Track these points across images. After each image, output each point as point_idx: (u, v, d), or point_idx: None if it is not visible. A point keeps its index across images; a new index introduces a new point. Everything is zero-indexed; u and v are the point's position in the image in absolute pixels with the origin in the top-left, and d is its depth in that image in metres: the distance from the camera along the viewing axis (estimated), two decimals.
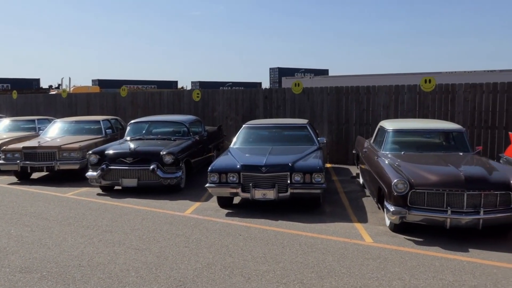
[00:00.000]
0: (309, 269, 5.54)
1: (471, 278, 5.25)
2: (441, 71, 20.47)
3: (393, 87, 13.04)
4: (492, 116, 11.93)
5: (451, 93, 12.33)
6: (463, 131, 8.63)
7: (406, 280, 5.21)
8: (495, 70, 19.90)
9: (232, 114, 15.36)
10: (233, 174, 8.21)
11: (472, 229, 6.57)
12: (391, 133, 8.68)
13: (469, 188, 6.47)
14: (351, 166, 13.02)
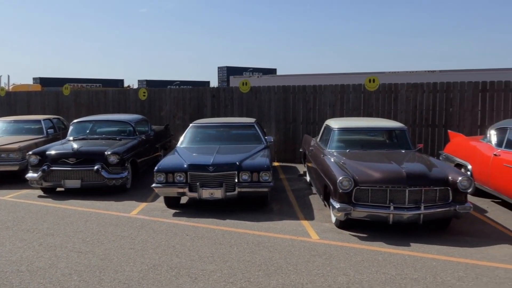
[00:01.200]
0: (256, 267, 5.56)
1: (413, 271, 5.42)
2: (385, 71, 21.04)
3: (339, 86, 13.29)
4: (432, 114, 12.38)
5: (394, 93, 12.70)
6: (405, 129, 8.90)
7: (351, 275, 5.31)
8: (435, 70, 20.65)
9: (180, 113, 15.20)
10: (180, 173, 8.11)
11: (413, 223, 6.78)
12: (336, 131, 8.84)
13: (410, 184, 6.67)
14: (299, 164, 13.17)
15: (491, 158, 8.27)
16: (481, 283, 5.09)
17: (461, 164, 9.34)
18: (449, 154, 10.08)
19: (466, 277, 5.27)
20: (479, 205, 8.55)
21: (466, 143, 9.72)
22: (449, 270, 5.45)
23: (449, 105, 12.19)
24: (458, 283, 5.10)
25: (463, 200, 6.81)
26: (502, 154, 8.03)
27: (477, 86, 11.95)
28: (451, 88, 12.20)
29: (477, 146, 9.09)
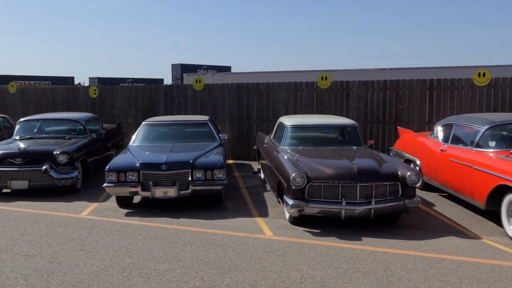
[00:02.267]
0: (210, 266, 5.53)
1: (364, 265, 5.54)
2: (337, 69, 21.39)
3: (292, 84, 13.39)
4: (383, 111, 12.68)
5: (346, 90, 12.92)
6: (356, 126, 9.07)
7: (304, 270, 5.37)
8: (385, 68, 21.17)
9: (132, 111, 14.93)
10: (132, 172, 7.97)
11: (365, 218, 6.92)
12: (289, 128, 8.91)
13: (361, 180, 6.81)
14: (253, 161, 13.20)
15: (438, 154, 8.54)
16: (429, 275, 5.25)
17: (410, 160, 9.61)
18: (399, 150, 10.35)
19: (414, 269, 5.42)
20: (427, 199, 8.81)
21: (415, 139, 10.01)
22: (399, 263, 5.60)
23: (398, 102, 12.51)
24: (407, 275, 5.25)
25: (412, 194, 7.01)
26: (448, 150, 8.31)
27: (425, 84, 12.32)
28: (400, 85, 12.53)
29: (425, 142, 9.38)
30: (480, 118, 8.14)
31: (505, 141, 7.63)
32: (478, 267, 5.47)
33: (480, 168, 7.18)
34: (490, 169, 6.96)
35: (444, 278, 5.14)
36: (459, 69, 17.93)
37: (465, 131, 8.33)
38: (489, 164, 7.05)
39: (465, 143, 8.04)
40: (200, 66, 70.29)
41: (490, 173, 6.93)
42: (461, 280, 5.11)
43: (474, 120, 8.23)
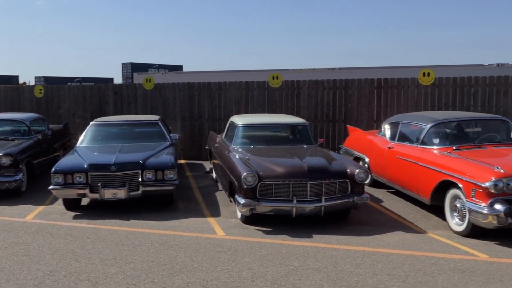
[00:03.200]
0: (161, 267, 5.46)
1: (314, 262, 5.61)
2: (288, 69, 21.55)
3: (244, 83, 13.41)
4: (333, 110, 12.88)
5: (297, 89, 13.05)
6: (306, 125, 9.18)
7: (255, 269, 5.39)
8: (335, 68, 21.51)
9: (80, 111, 14.53)
10: (80, 174, 7.76)
11: (315, 216, 7.02)
12: (241, 128, 8.91)
13: (312, 178, 6.90)
14: (205, 161, 13.11)
15: (385, 151, 8.76)
16: (377, 269, 5.38)
17: (359, 157, 9.82)
18: (348, 148, 10.55)
19: (363, 264, 5.54)
20: (375, 195, 9.03)
21: (364, 137, 10.24)
22: (348, 259, 5.71)
23: (348, 101, 12.75)
24: (356, 270, 5.36)
25: (361, 191, 7.17)
26: (395, 147, 8.54)
27: (373, 83, 12.60)
28: (349, 85, 12.76)
29: (373, 139, 9.60)
30: (425, 116, 8.41)
31: (448, 139, 7.92)
32: (423, 260, 5.66)
33: (425, 164, 7.42)
34: (434, 165, 7.21)
35: (391, 272, 5.29)
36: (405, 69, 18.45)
37: (410, 129, 8.58)
38: (433, 161, 7.29)
39: (411, 141, 8.28)
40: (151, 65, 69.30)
41: (434, 169, 7.17)
42: (407, 273, 5.26)
43: (419, 118, 8.50)
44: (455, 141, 7.79)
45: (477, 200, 6.22)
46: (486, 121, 8.51)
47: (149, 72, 43.35)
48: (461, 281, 5.04)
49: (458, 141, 7.80)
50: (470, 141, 7.81)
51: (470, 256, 5.82)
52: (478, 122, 8.41)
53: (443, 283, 4.99)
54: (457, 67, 18.82)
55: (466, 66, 19.07)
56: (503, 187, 6.03)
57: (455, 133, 8.19)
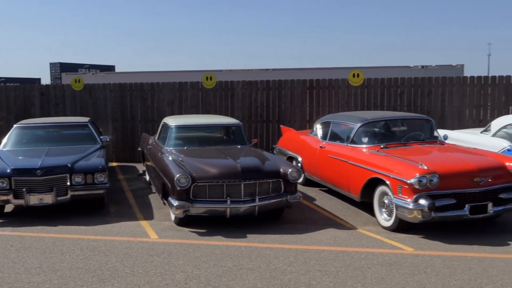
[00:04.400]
0: (90, 274, 5.28)
1: (248, 262, 5.63)
2: (222, 69, 21.54)
3: (177, 84, 13.26)
4: (266, 111, 13.01)
5: (231, 90, 13.07)
6: (240, 125, 9.21)
7: (189, 271, 5.33)
8: (269, 69, 21.71)
9: (3, 113, 13.80)
10: (3, 179, 7.37)
11: (249, 215, 7.05)
12: (174, 129, 8.80)
13: (245, 178, 6.93)
14: (138, 163, 12.83)
15: (317, 150, 8.95)
16: (309, 266, 5.48)
17: (293, 157, 9.97)
18: (282, 147, 10.68)
19: (296, 262, 5.63)
20: (308, 194, 9.19)
21: (297, 137, 10.41)
22: (281, 257, 5.78)
23: (281, 102, 12.93)
24: (289, 268, 5.43)
25: (294, 190, 7.29)
26: (327, 146, 8.74)
27: (305, 84, 12.85)
28: (282, 85, 12.95)
29: (306, 139, 9.78)
30: (354, 116, 8.67)
31: (376, 137, 8.21)
32: (354, 256, 5.82)
33: (355, 163, 7.64)
34: (364, 163, 7.44)
35: (323, 268, 5.40)
36: (336, 70, 18.96)
37: (341, 128, 8.81)
38: (362, 159, 7.53)
39: (341, 140, 8.51)
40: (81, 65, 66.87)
41: (363, 167, 7.40)
42: (338, 269, 5.40)
43: (348, 118, 8.74)
44: (382, 139, 8.08)
45: (403, 196, 6.48)
46: (411, 120, 8.88)
47: (79, 72, 41.93)
48: (389, 274, 5.23)
49: (386, 139, 8.09)
50: (396, 140, 8.12)
51: (397, 250, 6.06)
52: (404, 122, 8.75)
53: (372, 277, 5.16)
54: (384, 68, 19.54)
55: (393, 67, 19.83)
56: (427, 183, 6.32)
57: (382, 132, 8.49)
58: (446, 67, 20.00)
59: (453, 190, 6.48)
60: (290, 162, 8.88)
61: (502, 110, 11.89)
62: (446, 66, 20.42)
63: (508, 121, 9.04)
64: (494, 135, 9.06)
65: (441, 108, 12.30)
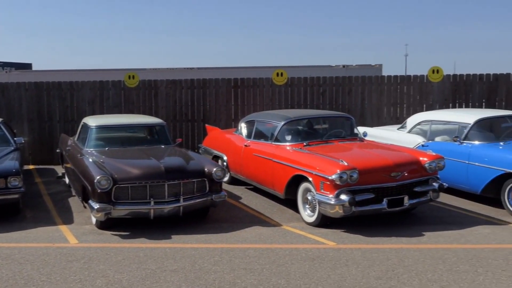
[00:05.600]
0: (2, 284, 4.97)
1: (172, 263, 5.54)
2: (146, 68, 21.09)
3: (98, 82, 12.82)
4: (191, 110, 12.89)
5: (154, 89, 12.83)
6: (164, 125, 9.06)
7: (110, 276, 5.16)
8: (193, 67, 21.54)
9: None
10: None
11: (174, 216, 6.94)
12: (94, 129, 8.49)
13: (169, 178, 6.83)
14: (57, 166, 12.27)
15: (242, 149, 8.98)
16: (234, 265, 5.49)
17: (218, 156, 9.94)
18: (207, 147, 10.63)
19: (221, 261, 5.61)
20: (234, 193, 9.20)
21: (222, 136, 10.39)
22: (206, 257, 5.74)
23: (206, 101, 12.86)
24: (214, 267, 5.40)
25: (219, 189, 7.28)
26: (252, 145, 8.79)
27: (230, 83, 12.86)
28: (207, 84, 12.87)
29: (231, 138, 9.79)
30: (278, 115, 8.79)
31: (300, 135, 8.36)
32: (278, 252, 5.90)
33: (279, 160, 7.74)
34: (287, 161, 7.56)
35: (248, 266, 5.42)
36: (260, 69, 19.13)
37: (265, 127, 8.90)
38: (286, 157, 7.64)
39: (265, 138, 8.60)
40: None
41: (287, 164, 7.52)
42: (263, 266, 5.44)
43: (272, 116, 8.85)
44: (305, 137, 8.24)
45: (325, 192, 6.65)
46: (332, 118, 9.14)
47: None
48: (312, 269, 5.34)
49: (308, 137, 8.26)
50: (319, 137, 8.32)
51: (320, 244, 6.21)
52: (326, 119, 8.99)
53: (295, 272, 5.25)
54: (307, 67, 19.99)
55: (316, 67, 20.32)
56: (347, 179, 6.52)
57: (305, 130, 8.66)
58: (366, 67, 20.77)
59: (372, 185, 6.74)
60: (215, 161, 8.89)
61: (417, 107, 12.53)
62: (366, 65, 21.21)
63: (422, 118, 9.54)
64: (410, 132, 9.52)
65: (361, 106, 12.75)
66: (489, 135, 8.41)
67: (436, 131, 9.09)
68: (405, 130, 9.69)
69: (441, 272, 5.24)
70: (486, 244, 6.19)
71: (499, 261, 5.54)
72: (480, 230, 6.77)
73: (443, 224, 7.08)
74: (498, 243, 6.23)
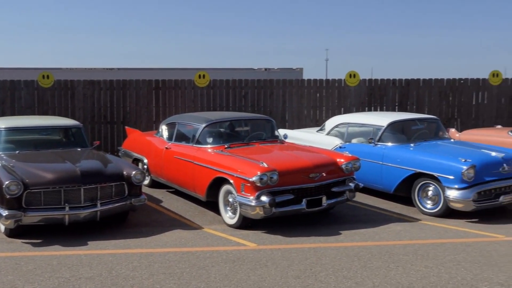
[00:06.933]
0: None
1: (88, 270, 5.35)
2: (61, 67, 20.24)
3: (8, 82, 12.11)
4: (110, 111, 12.51)
5: (71, 90, 12.33)
6: (80, 127, 8.73)
7: (20, 286, 4.90)
8: (114, 68, 20.98)
9: None
10: None
11: (91, 221, 6.70)
12: (3, 131, 7.99)
13: (85, 182, 6.59)
14: None
15: (163, 151, 8.83)
16: (153, 269, 5.38)
17: (139, 159, 9.71)
18: (127, 149, 10.35)
19: (140, 266, 5.49)
20: (155, 196, 9.03)
21: (142, 138, 10.16)
22: (124, 263, 5.59)
23: (126, 102, 12.55)
24: (132, 273, 5.27)
25: (138, 193, 7.12)
26: (173, 147, 8.67)
27: (151, 84, 12.64)
28: (127, 85, 12.57)
29: (152, 140, 9.60)
30: (199, 117, 8.74)
31: (221, 138, 8.36)
32: (199, 255, 5.86)
33: (200, 163, 7.69)
34: (208, 163, 7.53)
35: (167, 271, 5.34)
36: (182, 70, 19.01)
37: (187, 129, 8.82)
38: (207, 159, 7.62)
39: (187, 140, 8.51)
40: None
41: (208, 167, 7.49)
42: (183, 269, 5.39)
43: (194, 118, 8.79)
44: (227, 139, 8.26)
45: (246, 194, 6.69)
46: (254, 120, 9.23)
47: None
48: (232, 271, 5.36)
49: (230, 139, 8.28)
50: (240, 140, 8.36)
51: (241, 246, 6.24)
52: (247, 122, 9.05)
53: (216, 275, 5.24)
54: (230, 70, 20.10)
55: (238, 69, 20.48)
56: (267, 181, 6.61)
57: (227, 132, 8.68)
58: (287, 70, 21.24)
59: (291, 186, 6.87)
60: (135, 164, 8.69)
61: (336, 110, 12.97)
62: (287, 69, 21.69)
63: (339, 121, 9.88)
64: (328, 134, 9.83)
65: (282, 108, 13.00)
66: (401, 137, 8.85)
67: (353, 133, 9.44)
68: (324, 132, 9.98)
69: (356, 269, 5.44)
70: (398, 240, 6.52)
71: (409, 256, 5.84)
72: (392, 227, 7.11)
73: (359, 222, 7.36)
74: (409, 239, 6.57)
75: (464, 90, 13.59)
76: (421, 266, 5.54)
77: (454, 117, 13.59)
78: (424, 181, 7.81)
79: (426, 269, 5.45)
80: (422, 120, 9.55)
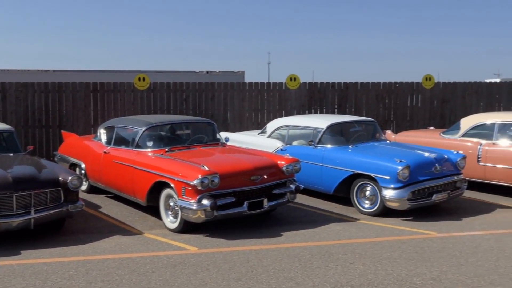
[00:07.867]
0: None
1: (21, 281, 5.13)
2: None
3: None
4: (45, 115, 12.05)
5: (2, 92, 11.76)
6: (12, 131, 8.36)
7: None
8: (49, 70, 20.21)
9: None
10: None
11: (25, 230, 6.43)
12: None
13: (18, 189, 6.33)
14: None
15: (101, 156, 8.60)
16: (91, 277, 5.23)
17: (76, 163, 9.40)
18: (64, 154, 10.00)
19: (76, 274, 5.32)
20: (93, 202, 8.77)
21: (79, 142, 9.86)
22: (60, 271, 5.39)
23: (62, 105, 12.12)
24: (68, 282, 5.10)
25: (75, 199, 6.91)
26: (111, 151, 8.46)
27: (88, 87, 12.28)
28: (63, 88, 12.15)
29: (90, 145, 9.33)
30: (139, 120, 8.59)
31: (162, 141, 8.24)
32: (139, 261, 5.75)
33: (140, 167, 7.55)
34: (149, 167, 7.41)
35: (106, 278, 5.21)
36: (121, 73, 18.63)
37: (126, 132, 8.63)
38: (148, 163, 7.49)
39: (126, 144, 8.33)
40: None
41: (148, 171, 7.37)
42: (122, 276, 5.26)
43: (133, 122, 8.63)
44: (167, 143, 8.15)
45: (187, 198, 6.63)
46: (195, 123, 9.19)
47: None
48: (173, 276, 5.29)
49: (171, 143, 8.18)
50: (181, 143, 8.28)
51: (182, 250, 6.18)
52: (188, 125, 8.99)
53: (156, 281, 5.16)
54: (171, 72, 19.87)
55: (179, 72, 20.29)
56: (209, 184, 6.58)
57: (167, 135, 8.57)
58: (229, 73, 21.25)
59: (233, 189, 6.88)
60: (71, 170, 8.44)
61: (277, 113, 13.11)
62: (229, 72, 21.70)
63: (280, 124, 9.99)
64: (269, 136, 9.91)
65: (224, 111, 13.00)
66: (340, 139, 9.07)
67: (294, 136, 9.57)
68: (265, 135, 10.06)
69: (297, 269, 5.52)
70: (337, 240, 6.66)
71: (347, 255, 5.99)
72: (332, 227, 7.27)
73: (300, 223, 7.47)
74: (348, 238, 6.74)
75: (400, 93, 14.14)
76: (359, 264, 5.69)
77: (390, 119, 14.11)
78: (362, 181, 8.03)
79: (363, 267, 5.60)
80: (360, 123, 9.82)
